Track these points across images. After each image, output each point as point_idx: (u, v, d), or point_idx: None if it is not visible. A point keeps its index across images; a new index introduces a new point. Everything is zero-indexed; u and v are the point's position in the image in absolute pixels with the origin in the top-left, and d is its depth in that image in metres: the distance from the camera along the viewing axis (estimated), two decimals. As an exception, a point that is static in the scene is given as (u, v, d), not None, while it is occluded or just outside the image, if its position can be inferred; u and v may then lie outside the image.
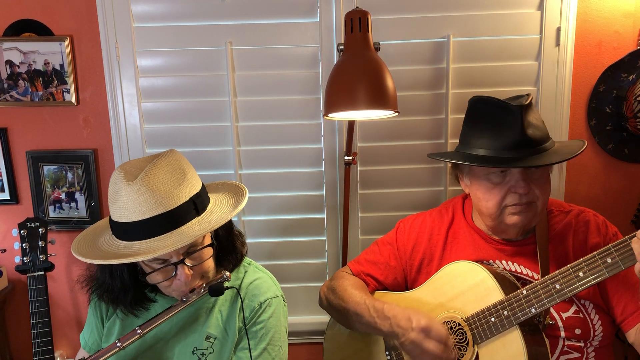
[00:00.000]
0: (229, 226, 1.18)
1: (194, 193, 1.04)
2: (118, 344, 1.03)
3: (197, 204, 1.03)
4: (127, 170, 1.02)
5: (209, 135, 1.77)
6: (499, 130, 1.17)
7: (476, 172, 1.23)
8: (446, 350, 1.15)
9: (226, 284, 1.09)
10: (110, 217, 1.05)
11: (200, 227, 1.01)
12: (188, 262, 1.04)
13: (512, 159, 1.14)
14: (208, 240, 1.10)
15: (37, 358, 1.30)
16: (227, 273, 1.10)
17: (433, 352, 1.13)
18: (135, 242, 0.99)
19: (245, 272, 1.23)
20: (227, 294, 1.19)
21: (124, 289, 1.11)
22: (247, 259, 1.27)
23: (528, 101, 1.17)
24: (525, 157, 1.14)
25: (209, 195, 1.13)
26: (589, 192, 1.81)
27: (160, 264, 1.04)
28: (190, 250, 1.05)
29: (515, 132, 1.14)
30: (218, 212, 1.08)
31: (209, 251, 1.09)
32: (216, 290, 1.07)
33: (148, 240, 0.98)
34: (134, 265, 1.10)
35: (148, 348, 1.17)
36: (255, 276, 1.22)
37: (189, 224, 1.01)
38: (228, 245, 1.18)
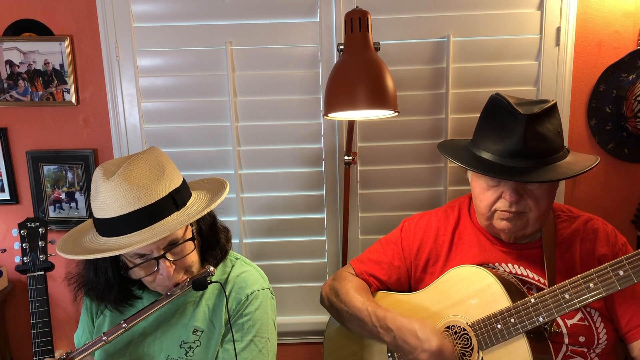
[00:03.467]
0: (212, 221, 1.19)
1: (173, 188, 1.05)
2: (104, 338, 1.04)
3: (176, 199, 1.04)
4: (107, 167, 1.03)
5: (209, 135, 1.77)
6: (503, 135, 1.15)
7: None
8: None
9: (211, 278, 1.10)
10: (92, 214, 1.06)
11: (178, 220, 1.02)
12: (169, 257, 1.05)
13: (508, 167, 1.13)
14: (189, 235, 1.10)
15: (37, 358, 1.29)
16: (212, 268, 1.11)
17: None
18: (116, 237, 1.01)
19: (233, 266, 1.24)
20: (214, 287, 1.19)
21: (108, 285, 1.12)
22: (234, 254, 1.28)
23: (541, 110, 1.12)
24: (524, 168, 1.12)
25: (192, 191, 1.13)
26: (589, 192, 1.81)
27: (141, 258, 1.04)
28: (172, 244, 1.05)
29: (516, 141, 1.12)
30: (198, 206, 1.09)
31: (190, 245, 1.09)
32: (200, 284, 1.08)
33: (127, 235, 0.99)
34: (118, 261, 1.10)
35: (137, 343, 1.18)
36: (242, 269, 1.23)
37: (167, 219, 1.02)
38: (212, 240, 1.18)
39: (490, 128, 1.20)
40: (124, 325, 1.05)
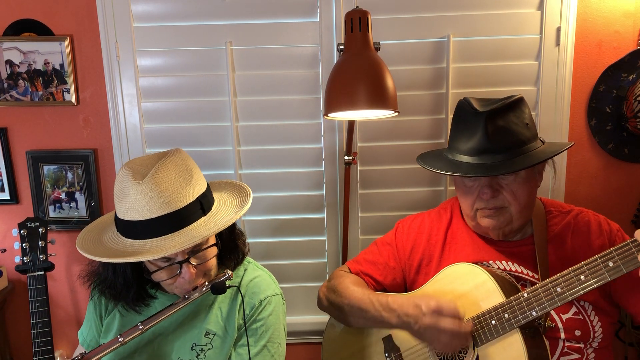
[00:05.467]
0: (231, 226, 1.19)
1: (200, 193, 1.05)
2: (120, 339, 1.04)
3: (203, 204, 1.05)
4: (135, 169, 1.03)
5: (209, 135, 1.77)
6: (469, 134, 1.19)
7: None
8: (462, 325, 1.14)
9: (228, 282, 1.11)
10: (115, 214, 1.06)
11: (207, 227, 1.02)
12: (193, 261, 1.05)
13: (477, 165, 1.16)
14: (213, 240, 1.11)
15: (37, 358, 1.29)
16: (230, 272, 1.11)
17: (450, 330, 1.12)
18: (142, 240, 1.00)
19: (245, 270, 1.24)
20: (228, 291, 1.19)
21: (126, 285, 1.12)
22: (246, 258, 1.28)
23: (502, 105, 1.15)
24: (493, 163, 1.14)
25: (213, 194, 1.14)
26: (589, 192, 1.81)
27: (165, 262, 1.05)
28: (196, 249, 1.06)
29: (480, 138, 1.15)
30: (224, 211, 1.09)
31: (214, 250, 1.10)
32: (218, 288, 1.08)
33: (155, 239, 0.99)
34: (138, 262, 1.10)
35: (147, 343, 1.17)
36: (255, 274, 1.23)
37: (195, 224, 1.02)
38: (231, 244, 1.19)
39: (459, 131, 1.23)
40: (140, 327, 1.04)
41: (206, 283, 1.09)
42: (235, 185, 1.23)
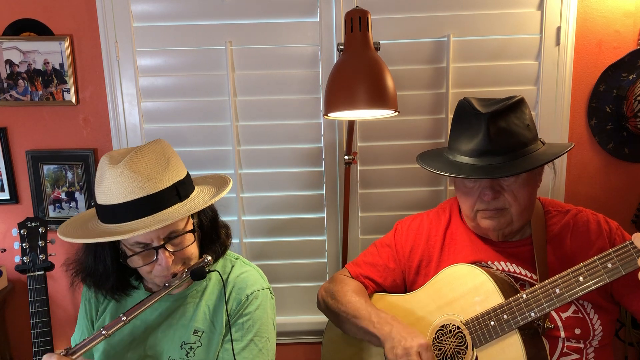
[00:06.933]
0: (213, 216, 1.20)
1: (177, 180, 1.06)
2: (103, 332, 1.03)
3: (179, 191, 1.06)
4: (113, 155, 1.05)
5: (209, 135, 1.77)
6: (470, 135, 1.18)
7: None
8: None
9: (209, 267, 1.11)
10: (95, 201, 1.07)
11: (180, 211, 1.03)
12: (169, 247, 1.06)
13: (478, 167, 1.15)
14: (190, 227, 1.11)
15: (37, 358, 1.29)
16: (209, 257, 1.11)
17: None
18: (118, 224, 1.02)
19: (232, 266, 1.24)
20: (214, 287, 1.20)
21: (106, 272, 1.12)
22: (233, 254, 1.29)
23: (503, 106, 1.15)
24: (494, 164, 1.14)
25: (196, 186, 1.15)
26: (589, 192, 1.81)
27: (141, 247, 1.05)
28: (172, 235, 1.06)
29: (482, 140, 1.15)
30: (201, 198, 1.10)
31: (190, 237, 1.10)
32: (198, 274, 1.08)
33: (129, 222, 1.01)
34: (118, 250, 1.11)
35: (137, 344, 1.18)
36: (242, 270, 1.24)
37: (170, 209, 1.03)
38: (212, 234, 1.19)
39: (460, 131, 1.23)
40: (123, 319, 1.04)
41: (185, 270, 1.09)
42: (219, 177, 1.24)
